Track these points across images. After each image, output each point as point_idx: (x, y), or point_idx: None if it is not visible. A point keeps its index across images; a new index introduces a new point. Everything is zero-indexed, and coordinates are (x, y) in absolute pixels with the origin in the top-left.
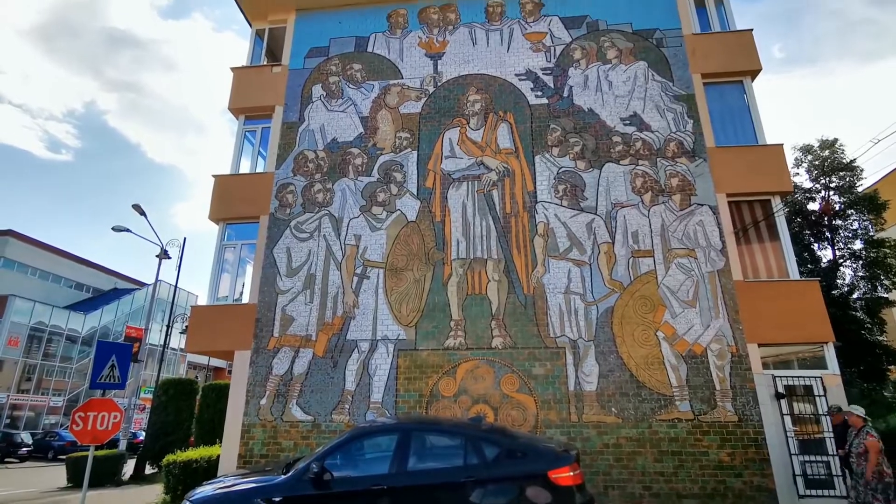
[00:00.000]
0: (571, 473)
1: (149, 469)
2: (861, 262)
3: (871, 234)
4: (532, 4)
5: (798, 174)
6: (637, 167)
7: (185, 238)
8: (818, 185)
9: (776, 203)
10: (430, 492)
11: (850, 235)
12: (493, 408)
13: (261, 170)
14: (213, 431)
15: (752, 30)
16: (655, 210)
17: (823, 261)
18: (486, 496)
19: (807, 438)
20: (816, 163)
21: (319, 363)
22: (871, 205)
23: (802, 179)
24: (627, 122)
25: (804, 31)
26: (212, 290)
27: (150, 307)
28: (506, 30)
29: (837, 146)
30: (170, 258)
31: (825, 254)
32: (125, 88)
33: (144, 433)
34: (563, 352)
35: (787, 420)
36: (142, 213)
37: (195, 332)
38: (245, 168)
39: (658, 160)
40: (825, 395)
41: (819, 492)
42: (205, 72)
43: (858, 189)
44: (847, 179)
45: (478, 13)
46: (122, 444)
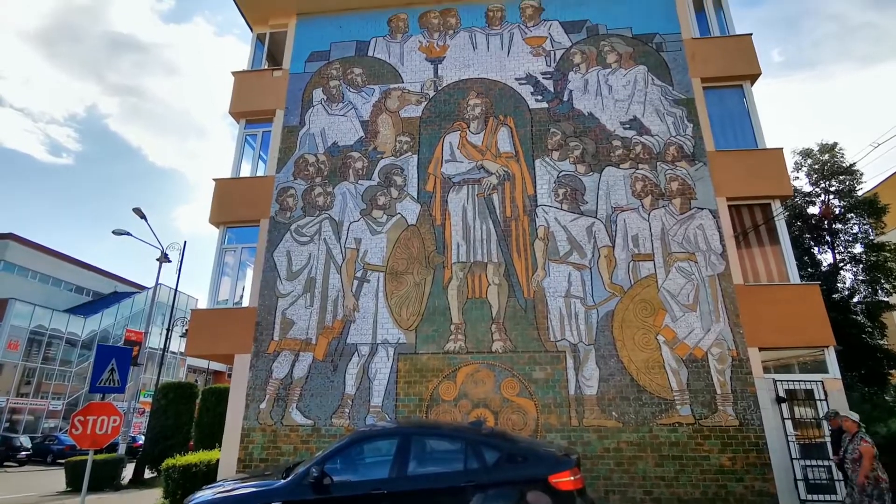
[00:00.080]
0: (572, 478)
1: (148, 473)
2: (861, 266)
3: (872, 238)
4: (532, 9)
5: (798, 178)
6: (637, 171)
7: (186, 241)
8: (818, 189)
9: (776, 207)
10: (431, 496)
11: (851, 239)
12: (494, 412)
13: (261, 173)
14: (213, 435)
15: (752, 34)
16: (655, 214)
17: (824, 264)
18: (487, 501)
19: (808, 443)
20: (816, 167)
21: (319, 367)
22: (871, 208)
23: (802, 183)
24: (627, 126)
25: (803, 35)
26: (212, 294)
27: (150, 311)
28: (506, 34)
29: (837, 150)
30: (170, 262)
31: (825, 257)
32: (127, 92)
33: (144, 437)
34: (564, 355)
35: (789, 424)
36: (142, 217)
37: (195, 336)
38: (246, 172)
39: (658, 164)
40: (826, 399)
41: (821, 496)
42: (206, 76)
43: (858, 193)
44: (847, 183)
45: (478, 18)
46: (122, 448)
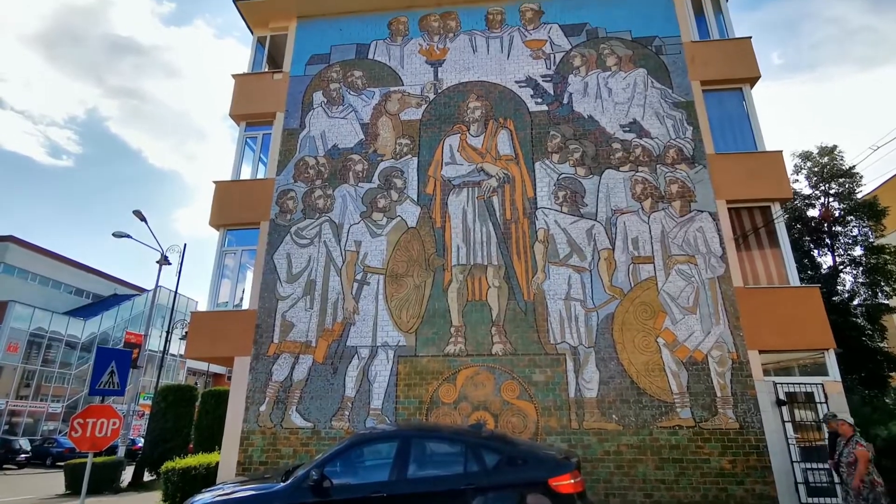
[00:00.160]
0: (572, 481)
1: (147, 476)
2: (861, 269)
3: (871, 241)
4: (532, 12)
5: (797, 181)
6: (637, 174)
7: (186, 244)
8: (818, 192)
9: (776, 209)
10: (431, 499)
11: (850, 242)
12: (494, 414)
13: (261, 176)
14: (213, 438)
15: (751, 37)
16: (655, 216)
17: (823, 267)
18: None
19: (808, 446)
20: (816, 169)
21: (319, 369)
22: (871, 211)
23: (802, 186)
24: (627, 129)
25: (803, 38)
26: (212, 296)
27: (150, 313)
28: (506, 37)
29: (836, 153)
30: (170, 264)
31: (825, 260)
32: (127, 95)
33: (143, 440)
34: (564, 358)
35: (789, 427)
36: (142, 219)
37: (195, 338)
38: (246, 174)
39: (658, 167)
40: (826, 402)
41: (821, 500)
42: (206, 78)
43: (858, 195)
44: (846, 186)
45: (478, 21)
46: (121, 451)
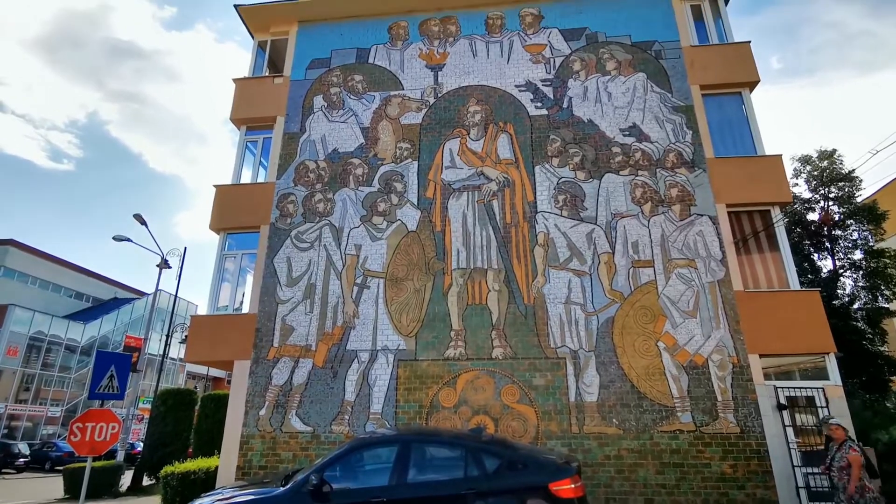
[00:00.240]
0: (573, 486)
1: (146, 480)
2: (861, 273)
3: (871, 245)
4: (532, 17)
5: (797, 184)
6: (637, 178)
7: (186, 248)
8: (817, 196)
9: (776, 213)
10: None
11: (850, 245)
12: (494, 419)
13: (262, 180)
14: (212, 442)
15: (750, 42)
16: (655, 220)
17: (824, 271)
18: None
19: (809, 450)
20: (815, 173)
21: (319, 373)
22: (871, 215)
23: (802, 190)
24: (627, 133)
25: (802, 43)
26: (212, 300)
27: (150, 317)
28: (506, 42)
29: (836, 156)
30: (170, 268)
31: (825, 264)
32: (127, 99)
33: (142, 444)
34: (564, 362)
35: (790, 431)
36: (143, 223)
37: (195, 342)
38: (246, 178)
39: (657, 171)
40: (827, 406)
41: None
42: (207, 82)
43: (858, 199)
44: (846, 190)
45: (478, 25)
46: (120, 455)
